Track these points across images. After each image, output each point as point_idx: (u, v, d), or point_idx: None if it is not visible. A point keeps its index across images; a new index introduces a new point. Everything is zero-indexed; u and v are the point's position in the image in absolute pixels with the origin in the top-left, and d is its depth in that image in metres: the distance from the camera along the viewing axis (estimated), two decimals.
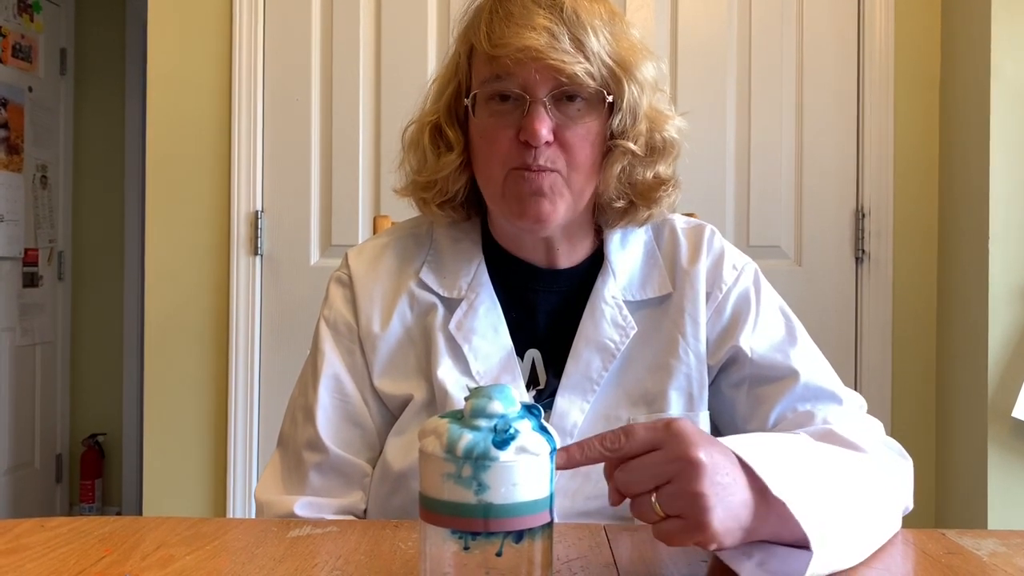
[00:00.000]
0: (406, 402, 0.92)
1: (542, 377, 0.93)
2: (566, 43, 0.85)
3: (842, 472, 0.71)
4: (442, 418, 0.59)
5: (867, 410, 0.92)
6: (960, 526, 1.97)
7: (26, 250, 3.34)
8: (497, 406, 0.57)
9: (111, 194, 3.66)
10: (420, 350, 0.93)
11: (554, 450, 0.58)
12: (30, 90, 3.37)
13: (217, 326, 2.23)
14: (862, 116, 2.16)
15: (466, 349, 0.91)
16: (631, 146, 0.89)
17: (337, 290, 0.98)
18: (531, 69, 0.85)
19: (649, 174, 0.92)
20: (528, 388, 0.92)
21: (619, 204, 0.93)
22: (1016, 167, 1.89)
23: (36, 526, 0.78)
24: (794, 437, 0.76)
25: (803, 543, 0.62)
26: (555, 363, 0.93)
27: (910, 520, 0.81)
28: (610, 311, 0.92)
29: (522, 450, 0.56)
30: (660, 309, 0.94)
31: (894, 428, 2.09)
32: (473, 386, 0.61)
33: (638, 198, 0.93)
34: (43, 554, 0.70)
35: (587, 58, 0.85)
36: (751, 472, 0.63)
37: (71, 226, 3.63)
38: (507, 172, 0.88)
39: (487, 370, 0.91)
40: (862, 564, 0.69)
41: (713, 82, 2.18)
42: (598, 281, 0.94)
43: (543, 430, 0.58)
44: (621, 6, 2.16)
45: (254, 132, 2.22)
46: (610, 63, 0.87)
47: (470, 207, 0.98)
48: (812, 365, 0.92)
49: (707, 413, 0.93)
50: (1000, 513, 1.87)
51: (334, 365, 0.95)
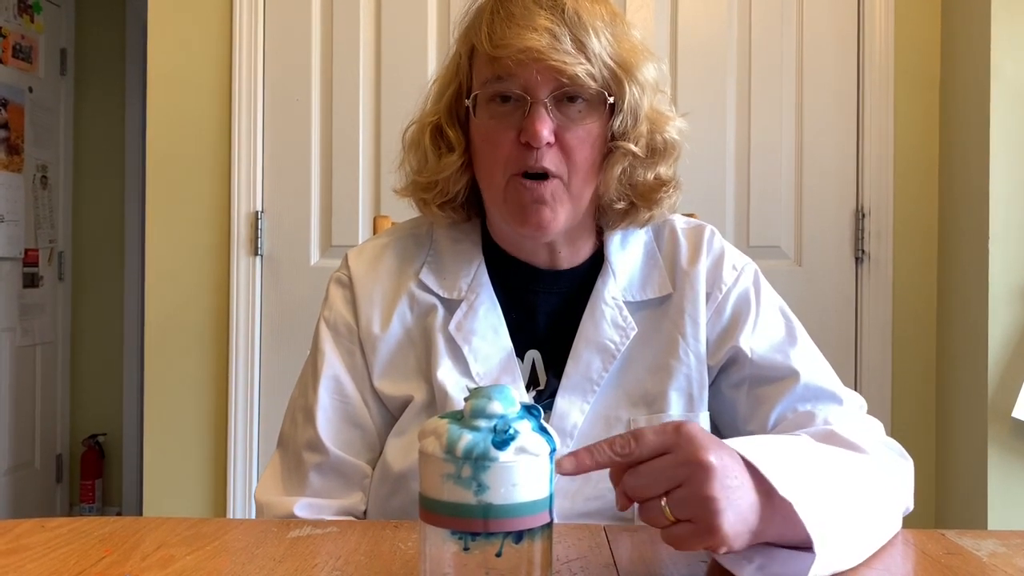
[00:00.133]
0: (406, 403, 0.92)
1: (542, 378, 0.93)
2: (567, 44, 0.85)
3: (844, 473, 0.71)
4: (442, 419, 0.59)
5: (867, 410, 0.92)
6: (960, 526, 1.97)
7: (26, 250, 3.34)
8: (497, 407, 0.57)
9: (111, 194, 3.66)
10: (420, 351, 0.93)
11: (554, 450, 0.58)
12: (30, 90, 3.37)
13: (217, 326, 2.23)
14: (862, 116, 2.16)
15: (466, 350, 0.91)
16: (632, 147, 0.89)
17: (337, 291, 0.98)
18: (532, 70, 0.85)
19: (650, 175, 0.92)
20: (528, 389, 0.92)
21: (620, 205, 0.93)
22: (1016, 167, 1.88)
23: (36, 526, 0.78)
24: (796, 439, 0.76)
25: (806, 544, 0.62)
26: (555, 364, 0.93)
27: (910, 520, 0.81)
28: (610, 312, 0.92)
29: (522, 450, 0.56)
30: (660, 310, 0.94)
31: (894, 428, 2.09)
32: (473, 387, 0.61)
33: (639, 199, 0.93)
34: (43, 554, 0.70)
35: (588, 59, 0.85)
36: (757, 474, 0.63)
37: (71, 226, 3.63)
38: (508, 178, 0.88)
39: (487, 371, 0.91)
40: (862, 564, 0.69)
41: (713, 82, 2.18)
42: (598, 282, 0.94)
43: (543, 431, 0.58)
44: (621, 7, 2.16)
45: (254, 132, 2.22)
46: (611, 64, 0.87)
47: (470, 208, 0.98)
48: (812, 365, 0.92)
49: (707, 414, 0.93)
50: (1000, 513, 1.87)
51: (334, 366, 0.95)
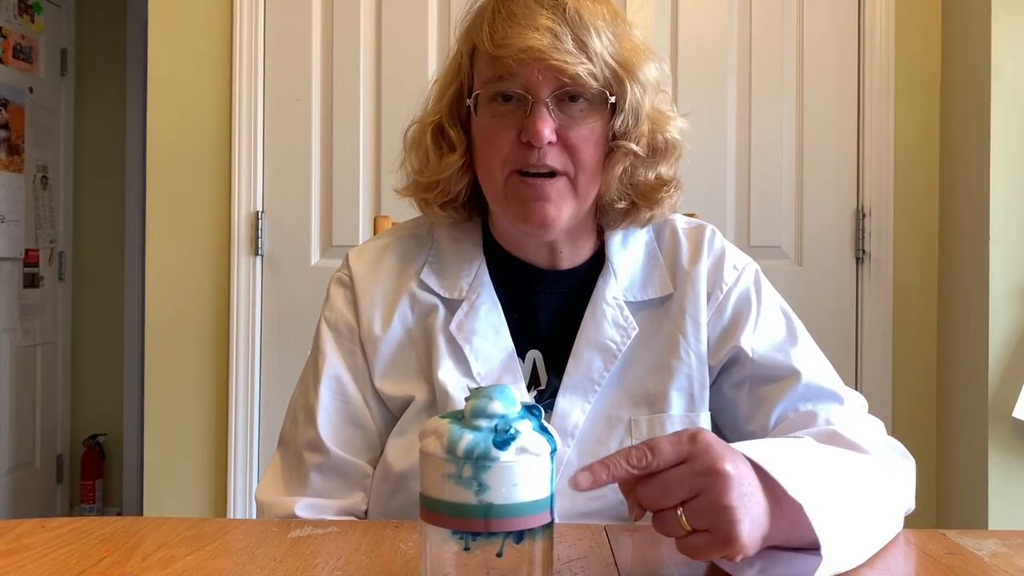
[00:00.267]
0: (407, 403, 0.92)
1: (543, 378, 0.93)
2: (569, 44, 0.84)
3: (847, 474, 0.71)
4: (443, 418, 0.59)
5: (868, 410, 0.92)
6: (961, 526, 1.97)
7: (27, 251, 3.34)
8: (498, 406, 0.57)
9: (111, 194, 3.66)
10: (421, 351, 0.93)
11: (554, 450, 0.58)
12: (31, 91, 3.37)
13: (217, 327, 2.23)
14: (862, 116, 2.16)
15: (467, 350, 0.91)
16: (633, 147, 0.89)
17: (338, 291, 0.98)
18: (534, 69, 0.85)
19: (651, 175, 0.92)
20: (529, 389, 0.92)
21: (621, 205, 0.93)
22: (1016, 167, 1.88)
23: (37, 526, 0.78)
24: (799, 441, 0.76)
25: (812, 546, 0.62)
26: (556, 364, 0.93)
27: (911, 520, 0.81)
28: (611, 312, 0.92)
29: (523, 450, 0.56)
30: (661, 310, 0.94)
31: (894, 428, 2.09)
32: (474, 387, 0.61)
33: (640, 199, 0.93)
34: (44, 554, 0.70)
35: (590, 59, 0.85)
36: (765, 478, 0.62)
37: (72, 226, 3.63)
38: (508, 174, 0.88)
39: (488, 371, 0.91)
40: (864, 565, 0.69)
41: (713, 82, 2.18)
42: (599, 282, 0.94)
43: (544, 430, 0.58)
44: (622, 6, 2.16)
45: (254, 132, 2.22)
46: (613, 64, 0.87)
47: (472, 208, 0.98)
48: (813, 365, 0.92)
49: (708, 413, 0.93)
50: (1000, 513, 1.87)
51: (335, 366, 0.94)
